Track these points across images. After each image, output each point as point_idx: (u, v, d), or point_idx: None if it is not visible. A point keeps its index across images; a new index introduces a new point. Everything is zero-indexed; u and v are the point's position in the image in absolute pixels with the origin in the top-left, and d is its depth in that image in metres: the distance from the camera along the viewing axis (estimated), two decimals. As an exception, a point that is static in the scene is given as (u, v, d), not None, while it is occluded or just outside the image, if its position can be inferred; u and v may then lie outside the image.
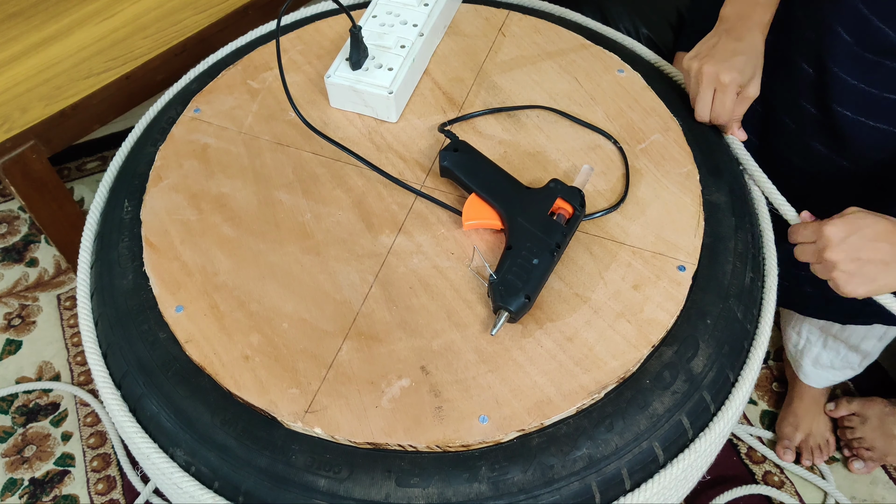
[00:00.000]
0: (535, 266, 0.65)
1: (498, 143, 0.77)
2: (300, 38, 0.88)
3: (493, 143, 0.77)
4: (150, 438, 0.65)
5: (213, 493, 0.62)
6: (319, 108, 0.81)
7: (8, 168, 1.00)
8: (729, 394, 0.66)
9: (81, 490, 1.14)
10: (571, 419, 0.61)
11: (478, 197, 0.70)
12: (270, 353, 0.65)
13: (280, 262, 0.70)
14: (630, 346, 0.64)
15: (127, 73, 1.06)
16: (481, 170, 0.71)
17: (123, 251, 0.72)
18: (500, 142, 0.78)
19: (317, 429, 0.61)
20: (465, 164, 0.72)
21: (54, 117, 1.02)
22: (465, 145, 0.73)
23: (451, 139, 0.75)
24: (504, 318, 0.64)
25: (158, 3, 1.14)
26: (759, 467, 1.14)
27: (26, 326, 1.32)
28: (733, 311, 0.68)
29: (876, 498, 1.11)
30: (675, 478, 0.62)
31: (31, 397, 1.24)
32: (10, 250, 1.41)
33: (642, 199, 0.73)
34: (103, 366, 0.70)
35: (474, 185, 0.71)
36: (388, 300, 0.67)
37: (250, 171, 0.76)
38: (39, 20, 1.12)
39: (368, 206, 0.74)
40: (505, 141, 0.78)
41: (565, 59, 0.84)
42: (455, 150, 0.72)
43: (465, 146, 0.73)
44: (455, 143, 0.73)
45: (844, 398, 1.15)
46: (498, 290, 0.64)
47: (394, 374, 0.63)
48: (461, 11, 0.89)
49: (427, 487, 0.59)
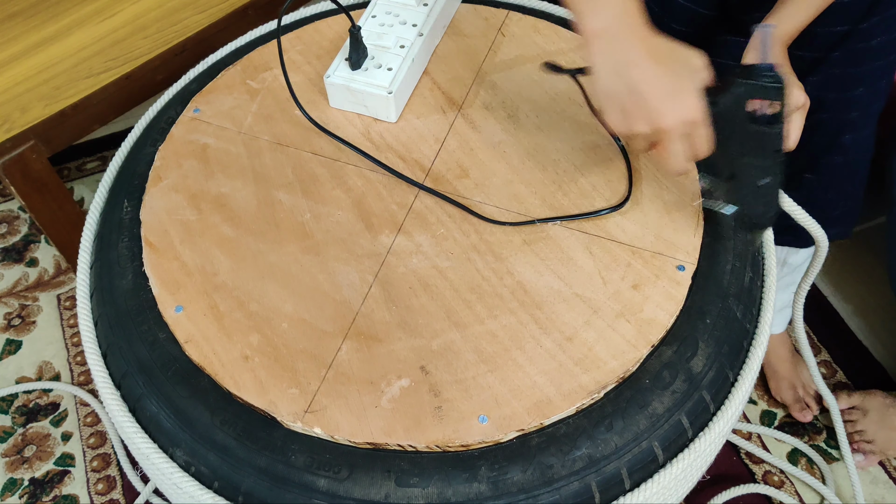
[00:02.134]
0: (767, 185, 0.63)
1: (497, 142, 0.78)
2: (300, 38, 0.88)
3: (492, 142, 0.77)
4: (149, 438, 0.65)
5: (212, 493, 0.62)
6: (319, 108, 0.81)
7: (8, 168, 1.00)
8: (728, 393, 0.66)
9: (81, 490, 1.14)
10: (571, 419, 0.61)
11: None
12: (270, 353, 0.65)
13: (280, 262, 0.70)
14: (629, 346, 0.64)
15: (127, 73, 1.06)
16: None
17: (123, 251, 0.73)
18: (499, 141, 0.78)
19: (316, 429, 0.61)
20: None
21: (54, 117, 1.02)
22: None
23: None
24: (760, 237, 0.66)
25: (158, 3, 1.14)
26: (759, 467, 1.14)
27: (26, 326, 1.32)
28: (733, 310, 0.68)
29: (876, 498, 1.11)
30: (674, 477, 0.62)
31: (31, 397, 1.24)
32: (10, 250, 1.41)
33: (642, 198, 0.73)
34: (103, 366, 0.70)
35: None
36: (388, 300, 0.67)
37: (250, 171, 0.76)
38: (39, 20, 1.13)
39: (368, 205, 0.74)
40: (504, 140, 0.78)
41: (565, 59, 0.84)
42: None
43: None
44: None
45: (844, 391, 1.15)
46: (747, 221, 0.66)
47: (393, 374, 0.63)
48: (460, 11, 0.89)
49: (427, 487, 0.59)
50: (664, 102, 0.59)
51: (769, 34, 0.58)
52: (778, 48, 0.76)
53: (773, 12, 0.76)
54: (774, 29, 0.59)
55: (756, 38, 0.59)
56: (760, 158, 0.63)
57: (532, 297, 0.67)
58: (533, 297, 0.67)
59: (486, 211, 0.73)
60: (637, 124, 0.60)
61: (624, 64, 0.59)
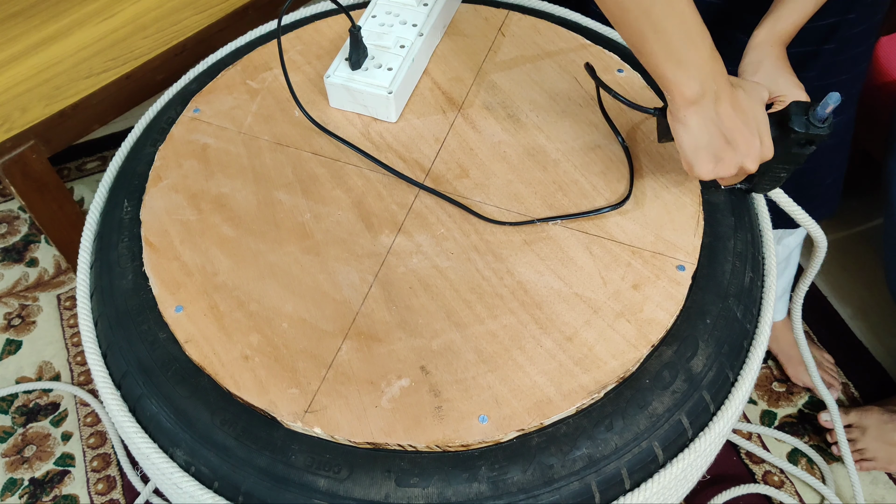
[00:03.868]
0: (783, 177, 0.71)
1: (497, 142, 0.78)
2: (300, 38, 0.88)
3: (492, 142, 0.77)
4: (149, 438, 0.65)
5: (212, 493, 0.62)
6: (319, 108, 0.81)
7: (8, 168, 1.00)
8: (728, 393, 0.67)
9: (81, 490, 1.14)
10: (571, 419, 0.61)
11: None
12: (270, 353, 0.65)
13: (280, 262, 0.70)
14: (630, 346, 0.64)
15: (127, 73, 1.06)
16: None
17: (123, 251, 0.73)
18: (499, 141, 0.78)
19: (316, 429, 0.61)
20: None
21: (54, 117, 1.02)
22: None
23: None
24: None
25: (158, 3, 1.14)
26: (759, 467, 1.14)
27: (26, 326, 1.32)
28: (733, 310, 0.68)
29: (876, 498, 1.11)
30: (674, 477, 0.62)
31: (31, 397, 1.24)
32: (10, 250, 1.41)
33: (642, 198, 0.73)
34: (103, 366, 0.70)
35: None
36: (388, 300, 0.67)
37: (250, 171, 0.76)
38: (39, 20, 1.12)
39: (368, 206, 0.74)
40: (504, 140, 0.78)
41: (565, 59, 0.84)
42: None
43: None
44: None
45: (841, 409, 1.15)
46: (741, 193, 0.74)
47: (393, 373, 0.63)
48: (461, 11, 0.89)
49: (427, 487, 0.59)
50: (752, 148, 0.63)
51: (838, 101, 0.62)
52: (778, 48, 0.76)
53: (771, 11, 0.76)
54: (835, 101, 0.63)
55: (827, 98, 0.63)
56: (789, 165, 0.69)
57: (532, 296, 0.67)
58: (533, 296, 0.67)
59: (486, 211, 0.73)
60: (727, 170, 0.64)
61: (717, 120, 0.62)
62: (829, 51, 0.87)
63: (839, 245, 1.35)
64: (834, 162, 1.01)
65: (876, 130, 1.13)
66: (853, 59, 0.90)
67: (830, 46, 0.87)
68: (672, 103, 0.63)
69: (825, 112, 0.63)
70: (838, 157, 1.01)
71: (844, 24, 0.85)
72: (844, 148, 1.01)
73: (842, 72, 0.91)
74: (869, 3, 0.85)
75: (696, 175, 0.65)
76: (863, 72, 0.94)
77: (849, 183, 1.07)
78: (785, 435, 1.16)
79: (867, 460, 1.10)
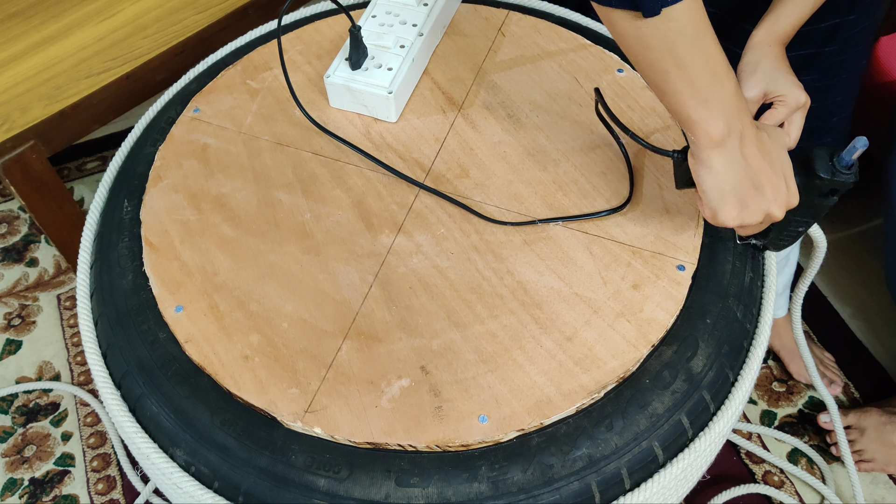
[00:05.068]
0: (801, 232, 0.67)
1: (497, 142, 0.78)
2: (300, 38, 0.88)
3: (492, 142, 0.78)
4: (149, 438, 0.65)
5: (212, 493, 0.62)
6: (319, 108, 0.81)
7: (8, 168, 1.00)
8: (728, 393, 0.66)
9: (81, 490, 1.14)
10: (571, 419, 0.61)
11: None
12: (270, 353, 0.65)
13: (280, 262, 0.70)
14: (630, 346, 0.64)
15: (127, 73, 1.06)
16: None
17: (123, 251, 0.73)
18: (499, 141, 0.78)
19: (316, 429, 0.61)
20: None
21: (54, 117, 1.02)
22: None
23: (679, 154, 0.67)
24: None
25: (158, 3, 1.14)
26: (759, 467, 1.14)
27: (26, 326, 1.32)
28: (733, 310, 0.68)
29: (876, 498, 1.11)
30: (674, 477, 0.62)
31: (31, 397, 1.24)
32: (10, 250, 1.41)
33: (642, 198, 0.73)
34: (103, 366, 0.70)
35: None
36: (388, 300, 0.67)
37: (250, 171, 0.76)
38: (39, 20, 1.12)
39: (368, 205, 0.74)
40: (504, 140, 0.78)
41: (565, 59, 0.84)
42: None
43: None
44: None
45: (840, 410, 1.15)
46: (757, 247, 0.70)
47: (393, 373, 0.63)
48: (461, 11, 0.89)
49: (427, 487, 0.59)
50: (779, 193, 0.60)
51: (866, 146, 0.59)
52: (777, 48, 0.76)
53: (770, 11, 0.76)
54: (863, 145, 0.60)
55: (854, 143, 0.61)
56: (809, 217, 0.66)
57: (532, 296, 0.67)
58: (533, 296, 0.67)
59: (486, 211, 0.73)
60: (753, 216, 0.61)
61: (742, 163, 0.59)
62: (831, 52, 0.87)
63: (839, 245, 1.35)
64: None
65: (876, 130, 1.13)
66: (854, 58, 0.90)
67: (832, 48, 0.87)
68: (695, 144, 0.59)
69: (851, 158, 0.59)
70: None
71: (845, 25, 0.85)
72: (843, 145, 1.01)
73: (843, 71, 0.91)
74: (868, 2, 0.85)
75: (719, 222, 0.61)
76: (863, 68, 0.94)
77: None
78: (785, 435, 1.16)
79: (866, 461, 1.10)
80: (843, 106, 0.95)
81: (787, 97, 0.74)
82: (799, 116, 0.74)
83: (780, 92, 0.74)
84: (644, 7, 0.52)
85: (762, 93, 0.75)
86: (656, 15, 0.52)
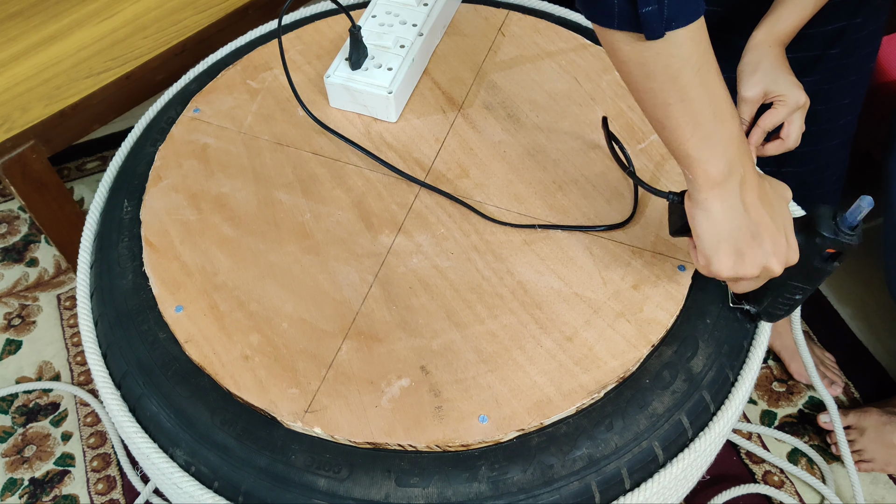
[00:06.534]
0: (799, 300, 0.64)
1: (497, 142, 0.78)
2: (300, 38, 0.88)
3: (492, 142, 0.77)
4: (149, 438, 0.65)
5: (212, 493, 0.62)
6: (319, 108, 0.81)
7: (8, 168, 1.00)
8: (728, 393, 0.66)
9: (81, 490, 1.14)
10: (571, 419, 0.61)
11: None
12: (270, 353, 0.65)
13: (280, 262, 0.70)
14: (630, 346, 0.64)
15: (127, 73, 1.06)
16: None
17: (123, 251, 0.73)
18: (499, 141, 0.78)
19: (316, 429, 0.61)
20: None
21: (54, 117, 1.02)
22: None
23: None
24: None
25: (158, 3, 1.14)
26: (759, 467, 1.14)
27: (26, 326, 1.32)
28: (733, 310, 0.68)
29: (876, 498, 1.11)
30: (674, 477, 0.62)
31: (31, 397, 1.24)
32: (10, 250, 1.41)
33: (642, 198, 0.73)
34: (103, 366, 0.70)
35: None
36: (388, 300, 0.67)
37: (250, 171, 0.76)
38: (39, 20, 1.12)
39: (368, 205, 0.74)
40: (504, 140, 0.78)
41: (565, 59, 0.84)
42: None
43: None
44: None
45: (840, 410, 1.15)
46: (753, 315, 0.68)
47: (393, 373, 0.63)
48: (461, 11, 0.89)
49: (427, 487, 0.59)
50: (779, 246, 0.57)
51: (871, 206, 0.56)
52: (777, 48, 0.76)
53: (771, 11, 0.76)
54: (868, 205, 0.56)
55: (859, 202, 0.58)
56: (807, 284, 0.63)
57: (532, 296, 0.67)
58: (533, 296, 0.67)
59: (486, 210, 0.73)
60: (749, 269, 0.57)
61: (741, 209, 0.56)
62: (834, 55, 0.87)
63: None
64: (837, 161, 1.01)
65: (876, 130, 1.13)
66: (861, 61, 0.90)
67: (836, 50, 0.86)
68: (693, 184, 0.56)
69: (856, 218, 0.56)
70: (841, 155, 1.01)
71: (851, 28, 0.85)
72: (849, 146, 1.01)
73: (850, 73, 0.90)
74: (875, 5, 0.85)
75: (712, 272, 0.58)
76: (870, 71, 0.94)
77: (849, 183, 1.07)
78: (785, 435, 1.16)
79: (866, 461, 1.10)
80: (850, 108, 0.95)
81: (786, 97, 0.74)
82: (799, 116, 0.74)
83: (780, 92, 0.74)
84: (647, 28, 0.49)
85: (762, 92, 0.75)
86: (660, 38, 0.49)
